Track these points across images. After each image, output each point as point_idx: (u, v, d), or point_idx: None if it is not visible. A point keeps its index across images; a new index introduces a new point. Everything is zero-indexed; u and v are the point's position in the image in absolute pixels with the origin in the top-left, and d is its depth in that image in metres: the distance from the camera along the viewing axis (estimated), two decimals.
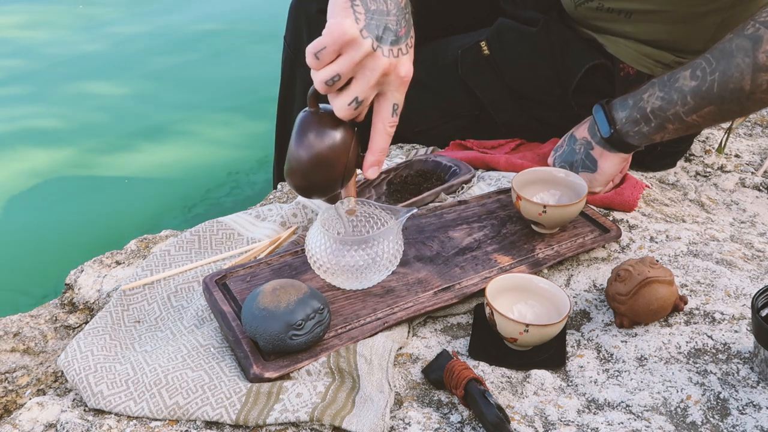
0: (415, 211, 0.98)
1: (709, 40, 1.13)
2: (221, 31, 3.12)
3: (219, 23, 3.20)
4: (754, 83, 0.95)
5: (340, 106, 0.82)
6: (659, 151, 1.32)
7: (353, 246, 0.91)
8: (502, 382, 0.86)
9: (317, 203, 1.17)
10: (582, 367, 0.88)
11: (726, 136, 1.44)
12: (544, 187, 1.09)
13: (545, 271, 1.02)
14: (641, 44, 1.22)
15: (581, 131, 1.15)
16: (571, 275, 1.03)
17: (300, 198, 1.19)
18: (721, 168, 1.39)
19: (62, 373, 0.95)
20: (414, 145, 1.39)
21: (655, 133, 1.06)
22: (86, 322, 1.04)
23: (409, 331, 0.93)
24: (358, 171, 1.21)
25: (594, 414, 0.81)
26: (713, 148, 1.44)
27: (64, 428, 0.82)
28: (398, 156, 1.35)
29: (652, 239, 1.09)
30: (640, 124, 1.06)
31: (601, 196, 1.16)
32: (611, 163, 1.12)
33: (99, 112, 2.49)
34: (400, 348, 0.91)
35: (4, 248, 1.85)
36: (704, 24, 1.17)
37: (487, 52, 1.30)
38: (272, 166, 1.67)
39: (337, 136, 0.84)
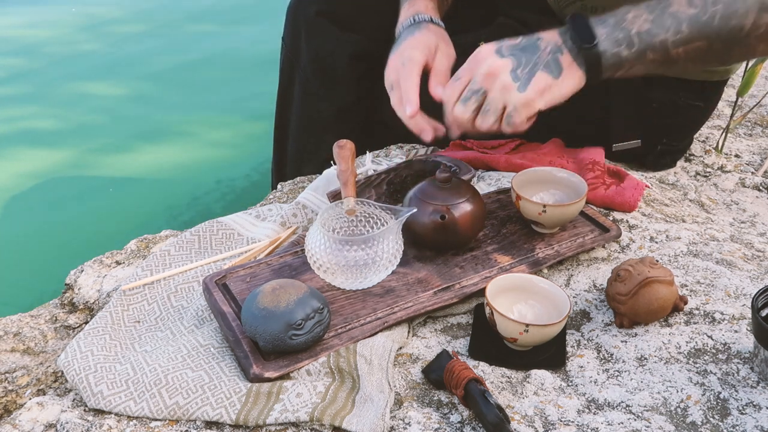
0: (414, 210, 0.98)
1: None
2: (221, 31, 3.12)
3: (219, 24, 3.20)
4: (755, 23, 0.90)
5: None
6: (659, 150, 1.32)
7: (353, 246, 0.91)
8: (502, 382, 0.86)
9: (317, 203, 1.17)
10: (582, 367, 0.88)
11: (724, 136, 1.44)
12: (544, 186, 1.09)
13: (545, 270, 1.02)
14: None
15: (549, 34, 0.99)
16: (571, 275, 1.03)
17: (300, 198, 1.19)
18: (721, 168, 1.39)
19: (62, 373, 0.95)
20: (414, 145, 1.39)
21: (632, 62, 0.94)
22: (86, 322, 1.04)
23: (409, 331, 0.93)
24: (358, 171, 1.21)
25: (594, 414, 0.81)
26: (713, 148, 1.44)
27: (64, 428, 0.82)
28: (398, 156, 1.35)
29: (652, 239, 1.09)
30: (620, 45, 0.94)
31: (601, 195, 1.16)
32: (572, 80, 0.96)
33: (98, 113, 2.49)
34: (400, 348, 0.91)
35: (4, 248, 1.85)
36: None
37: None
38: (270, 167, 1.67)
39: None
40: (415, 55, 1.11)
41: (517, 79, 0.94)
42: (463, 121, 0.98)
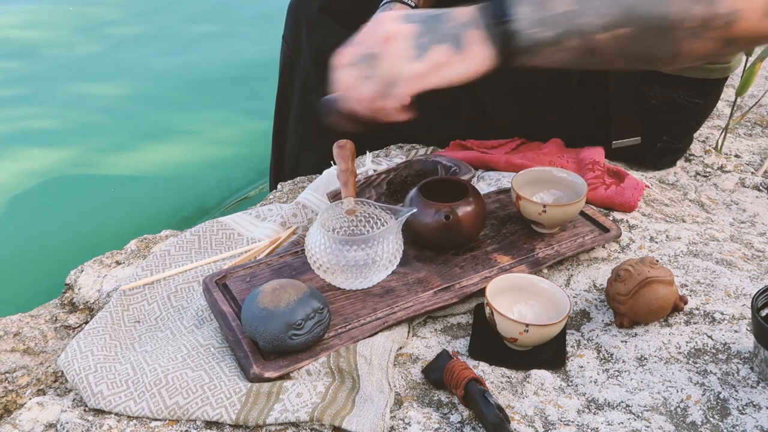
0: (414, 210, 0.98)
1: None
2: (221, 31, 3.12)
3: (218, 24, 3.20)
4: (685, 14, 0.80)
5: None
6: (659, 149, 1.32)
7: (353, 246, 0.91)
8: (502, 382, 0.86)
9: (317, 203, 1.17)
10: (582, 367, 0.88)
11: (723, 135, 1.44)
12: (544, 186, 1.09)
13: (545, 270, 1.02)
14: None
15: (467, 8, 0.86)
16: (571, 275, 1.03)
17: (300, 198, 1.19)
18: (721, 168, 1.39)
19: (62, 373, 0.95)
20: (414, 145, 1.39)
21: (551, 47, 0.83)
22: (86, 322, 1.04)
23: (409, 331, 0.93)
24: (358, 171, 1.21)
25: (594, 414, 0.81)
26: (713, 147, 1.44)
27: (64, 428, 0.82)
28: (398, 156, 1.35)
29: (652, 239, 1.09)
30: (539, 26, 0.82)
31: (601, 195, 1.16)
32: (476, 59, 0.83)
33: (98, 113, 2.49)
34: (400, 348, 0.91)
35: (4, 248, 1.85)
36: None
37: None
38: (269, 166, 1.67)
39: None
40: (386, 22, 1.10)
41: (414, 48, 0.83)
42: (346, 85, 0.86)
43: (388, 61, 0.83)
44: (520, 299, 0.93)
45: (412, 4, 1.20)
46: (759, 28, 0.82)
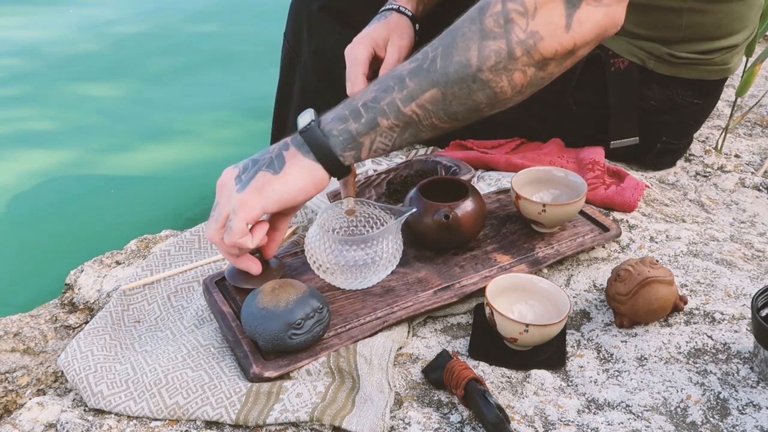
0: (414, 210, 0.98)
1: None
2: (220, 32, 3.12)
3: (218, 24, 3.20)
4: (481, 54, 0.80)
5: None
6: (659, 149, 1.32)
7: (353, 246, 0.91)
8: (502, 382, 0.86)
9: (317, 203, 1.17)
10: (582, 367, 0.88)
11: (723, 135, 1.44)
12: (543, 186, 1.09)
13: (545, 270, 1.02)
14: (630, 37, 1.22)
15: (280, 141, 0.92)
16: (571, 275, 1.03)
17: None
18: (721, 168, 1.39)
19: (62, 373, 0.95)
20: (414, 145, 1.39)
21: (365, 133, 0.86)
22: (86, 322, 1.04)
23: (409, 331, 0.93)
24: (358, 171, 1.21)
25: (594, 414, 0.81)
26: (713, 148, 1.44)
27: (64, 428, 0.82)
28: (398, 156, 1.35)
29: (652, 239, 1.09)
30: (347, 120, 0.86)
31: (601, 195, 1.16)
32: (300, 171, 0.87)
33: (98, 113, 2.49)
34: (400, 348, 0.91)
35: (4, 248, 1.85)
36: (676, 14, 1.17)
37: None
38: None
39: None
40: (359, 52, 1.15)
41: (239, 182, 0.88)
42: (214, 240, 0.90)
43: (223, 201, 0.89)
44: (520, 299, 0.93)
45: (409, 13, 1.22)
46: (564, 42, 0.81)
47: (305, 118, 0.88)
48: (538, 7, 0.80)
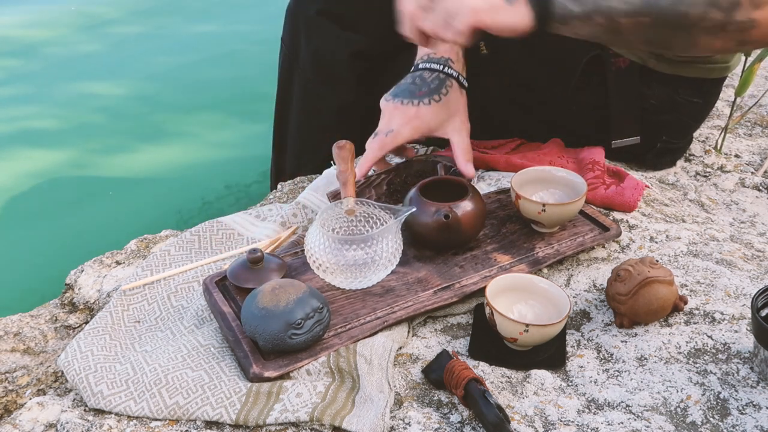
0: (414, 210, 0.98)
1: None
2: (220, 32, 3.12)
3: (217, 24, 3.20)
4: (702, 15, 0.90)
5: None
6: (659, 149, 1.32)
7: (352, 245, 0.91)
8: (502, 382, 0.86)
9: (317, 203, 1.17)
10: (582, 367, 0.88)
11: (723, 135, 1.44)
12: (543, 186, 1.09)
13: (545, 270, 1.03)
14: None
15: None
16: (571, 275, 1.03)
17: (300, 198, 1.19)
18: (721, 168, 1.39)
19: (62, 373, 0.95)
20: (414, 145, 1.39)
21: (579, 20, 0.93)
22: (86, 322, 1.04)
23: (409, 331, 0.94)
24: (357, 171, 1.21)
25: (594, 414, 0.81)
26: (713, 147, 1.44)
27: (64, 428, 0.82)
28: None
29: (652, 239, 1.09)
30: (570, 1, 0.93)
31: (601, 195, 1.16)
32: (519, 14, 0.94)
33: (99, 113, 2.49)
34: (400, 348, 0.91)
35: (4, 248, 1.85)
36: None
37: (485, 51, 1.30)
38: (269, 167, 1.67)
39: None
40: (403, 133, 1.14)
41: None
42: (407, 13, 0.96)
43: None
44: (520, 299, 0.93)
45: (466, 84, 1.21)
46: None
47: None
48: (764, 5, 0.90)
